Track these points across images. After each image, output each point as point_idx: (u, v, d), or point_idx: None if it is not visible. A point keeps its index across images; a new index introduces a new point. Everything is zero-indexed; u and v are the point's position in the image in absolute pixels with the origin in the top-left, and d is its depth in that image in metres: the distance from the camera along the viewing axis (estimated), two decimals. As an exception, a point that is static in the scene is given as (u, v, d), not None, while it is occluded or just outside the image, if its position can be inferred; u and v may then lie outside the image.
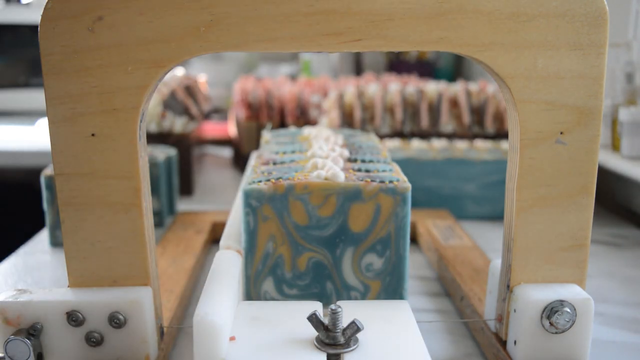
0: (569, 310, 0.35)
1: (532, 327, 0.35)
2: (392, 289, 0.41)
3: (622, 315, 0.48)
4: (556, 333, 0.35)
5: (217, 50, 0.33)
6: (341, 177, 0.40)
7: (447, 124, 0.85)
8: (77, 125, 0.33)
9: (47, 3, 0.32)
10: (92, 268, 0.35)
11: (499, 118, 0.86)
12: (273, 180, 0.40)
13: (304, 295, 0.41)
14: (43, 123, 1.41)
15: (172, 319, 0.42)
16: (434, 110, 0.86)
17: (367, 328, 0.33)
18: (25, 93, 1.62)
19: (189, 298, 0.50)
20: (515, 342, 0.36)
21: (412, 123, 0.87)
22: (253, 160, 0.51)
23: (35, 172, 0.74)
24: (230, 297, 0.35)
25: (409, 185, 0.40)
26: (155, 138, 0.82)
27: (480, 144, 0.77)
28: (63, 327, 0.34)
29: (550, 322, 0.35)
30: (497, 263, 0.40)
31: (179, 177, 0.79)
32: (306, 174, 0.42)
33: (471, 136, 0.85)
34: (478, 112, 0.86)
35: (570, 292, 0.36)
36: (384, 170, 0.43)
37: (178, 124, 0.86)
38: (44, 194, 0.60)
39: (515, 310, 0.36)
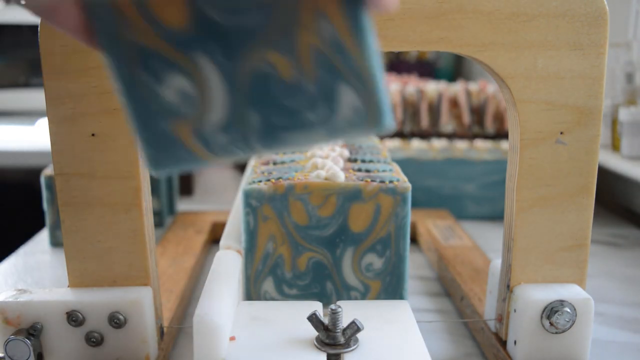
0: (569, 310, 0.35)
1: (532, 327, 0.35)
2: (392, 289, 0.41)
3: (622, 315, 0.48)
4: (556, 333, 0.35)
5: (217, 50, 0.33)
6: (341, 177, 0.40)
7: (447, 124, 0.85)
8: (77, 125, 0.33)
9: (47, 3, 0.32)
10: (92, 268, 0.35)
11: (499, 118, 0.86)
12: (273, 180, 0.40)
13: (304, 295, 0.41)
14: (43, 123, 1.41)
15: (172, 319, 0.42)
16: (434, 110, 0.86)
17: (367, 328, 0.33)
18: (25, 93, 1.62)
19: (189, 298, 0.50)
20: (515, 342, 0.36)
21: (412, 123, 0.87)
22: (253, 160, 0.51)
23: (35, 172, 0.74)
24: (230, 297, 0.35)
25: (409, 185, 0.40)
26: (155, 138, 0.82)
27: (480, 144, 0.77)
28: (63, 327, 0.34)
29: (550, 322, 0.35)
30: (497, 263, 0.40)
31: (179, 177, 0.79)
32: (306, 174, 0.42)
33: (471, 136, 0.85)
34: (478, 112, 0.86)
35: (571, 292, 0.36)
36: (384, 170, 0.43)
37: (178, 124, 0.86)
38: (44, 194, 0.60)
39: (515, 310, 0.36)
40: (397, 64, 1.61)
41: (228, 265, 0.39)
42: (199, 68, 0.24)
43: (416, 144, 0.77)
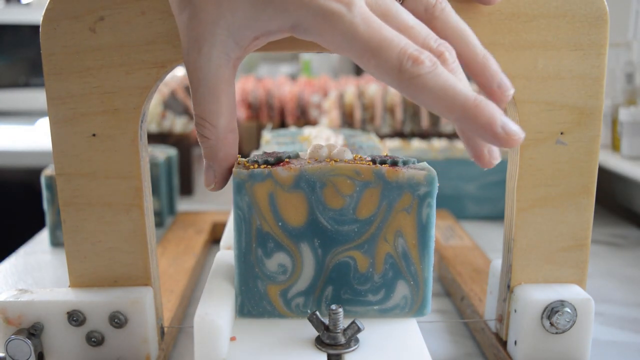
0: (569, 310, 0.35)
1: (533, 327, 0.35)
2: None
3: (622, 315, 0.48)
4: (557, 333, 0.35)
5: (218, 50, 0.33)
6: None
7: (447, 124, 0.85)
8: (78, 126, 0.33)
9: (49, 3, 0.32)
10: (93, 268, 0.35)
11: (499, 118, 0.85)
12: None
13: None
14: (43, 123, 1.41)
15: (172, 319, 0.42)
16: (434, 111, 0.86)
17: (367, 328, 0.33)
18: (25, 93, 1.62)
19: (190, 298, 0.50)
20: (515, 342, 0.36)
21: (412, 123, 0.87)
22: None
23: (35, 172, 0.74)
24: (231, 297, 0.35)
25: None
26: (156, 138, 0.82)
27: (480, 144, 0.77)
28: (64, 326, 0.34)
29: (550, 323, 0.35)
30: (497, 263, 0.40)
31: (179, 177, 0.79)
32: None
33: (471, 136, 0.85)
34: (478, 112, 0.86)
35: (571, 292, 0.36)
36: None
37: (178, 124, 0.86)
38: (44, 194, 0.60)
39: (515, 311, 0.36)
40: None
41: (229, 265, 0.39)
42: (300, 252, 0.33)
43: (416, 144, 0.77)
